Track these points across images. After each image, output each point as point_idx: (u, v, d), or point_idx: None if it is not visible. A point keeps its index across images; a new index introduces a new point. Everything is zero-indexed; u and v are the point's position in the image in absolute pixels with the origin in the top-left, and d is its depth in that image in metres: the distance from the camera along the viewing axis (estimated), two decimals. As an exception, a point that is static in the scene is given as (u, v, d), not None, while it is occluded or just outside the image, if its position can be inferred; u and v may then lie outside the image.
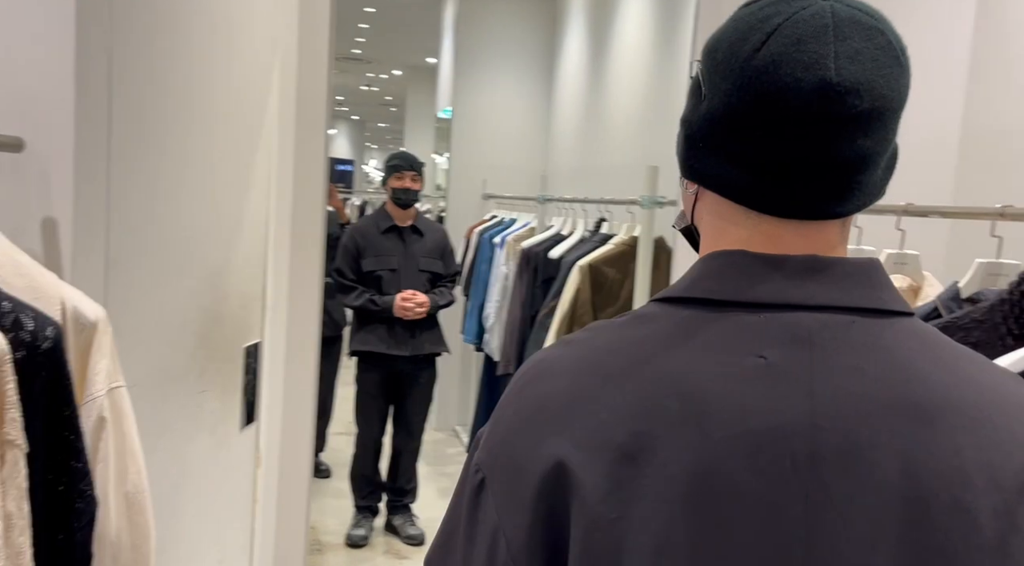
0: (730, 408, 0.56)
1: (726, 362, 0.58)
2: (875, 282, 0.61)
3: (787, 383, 0.57)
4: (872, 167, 0.61)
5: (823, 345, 0.58)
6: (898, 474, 0.55)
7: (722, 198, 0.64)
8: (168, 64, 1.35)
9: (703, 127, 0.64)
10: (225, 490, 1.73)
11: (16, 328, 0.85)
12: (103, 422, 1.00)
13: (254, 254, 1.80)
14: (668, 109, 3.50)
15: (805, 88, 0.57)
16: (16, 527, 0.83)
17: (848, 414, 0.56)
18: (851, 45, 0.58)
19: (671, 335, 0.60)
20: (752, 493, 0.54)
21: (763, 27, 0.60)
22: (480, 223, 4.91)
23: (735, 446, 0.55)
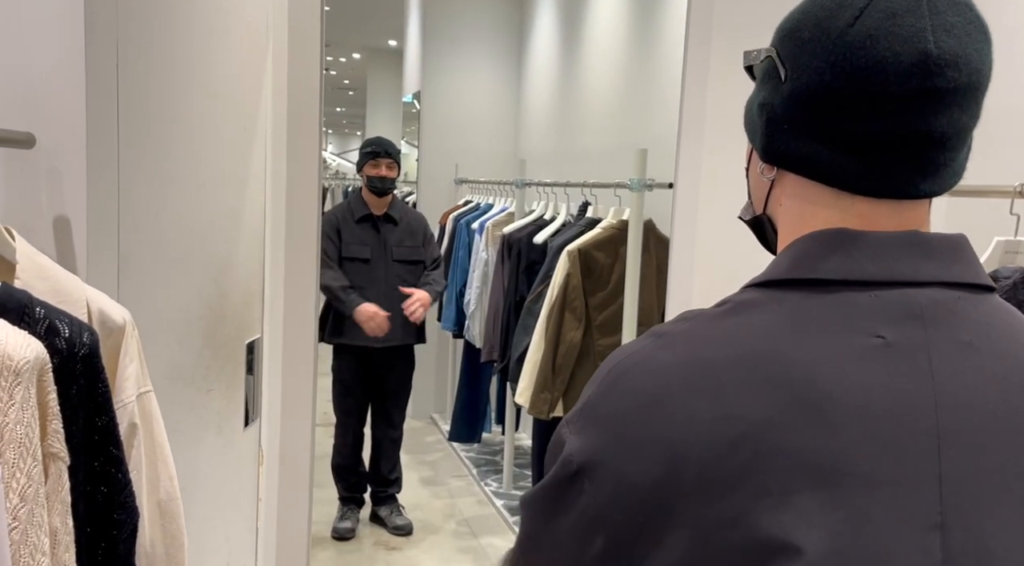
0: (852, 392, 0.54)
1: (843, 345, 0.56)
2: (970, 257, 0.61)
3: (907, 362, 0.55)
4: (964, 144, 0.60)
5: (936, 321, 0.57)
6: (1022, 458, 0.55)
7: (808, 181, 0.62)
8: (172, 56, 1.30)
9: (787, 109, 0.62)
10: (232, 490, 1.69)
11: (51, 334, 0.81)
12: (134, 429, 0.96)
13: (254, 248, 1.75)
14: (649, 90, 3.49)
15: (905, 62, 0.56)
16: (61, 543, 0.79)
17: (970, 390, 0.55)
18: (946, 18, 0.57)
19: (781, 321, 0.58)
20: (883, 477, 0.52)
21: (854, 2, 0.58)
22: (454, 208, 4.86)
23: (860, 431, 0.53)
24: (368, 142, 3.61)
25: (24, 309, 0.81)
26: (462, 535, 3.66)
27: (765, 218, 0.69)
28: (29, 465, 0.74)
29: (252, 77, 1.70)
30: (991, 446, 0.54)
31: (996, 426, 0.55)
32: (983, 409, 0.55)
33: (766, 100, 0.64)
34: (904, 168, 0.59)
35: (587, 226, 3.00)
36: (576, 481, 0.58)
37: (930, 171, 0.59)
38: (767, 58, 0.65)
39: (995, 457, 0.54)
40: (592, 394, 0.62)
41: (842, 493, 0.52)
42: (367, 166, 3.51)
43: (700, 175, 2.08)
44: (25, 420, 0.74)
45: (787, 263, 0.62)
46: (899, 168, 0.59)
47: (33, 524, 0.74)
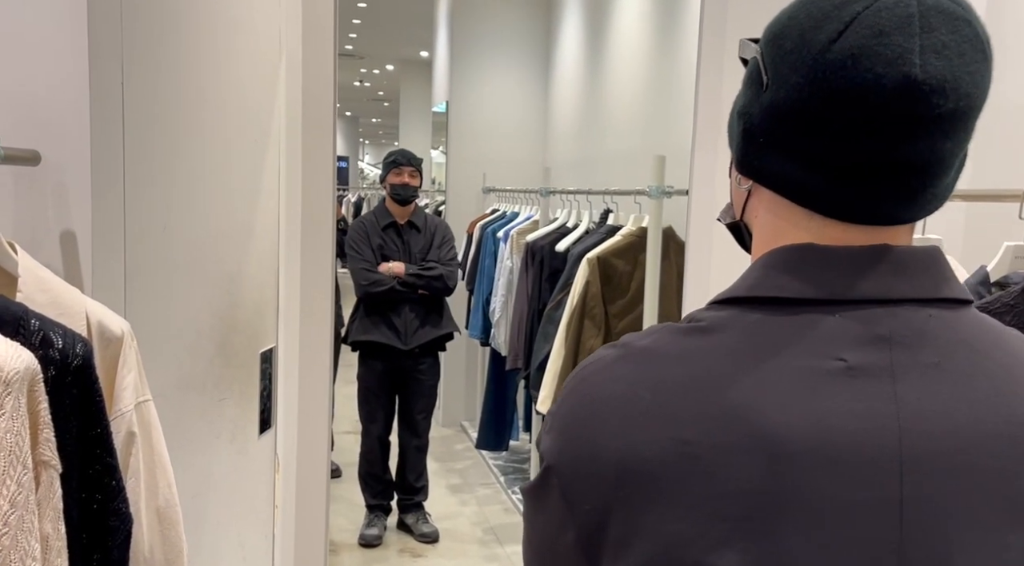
0: (808, 420, 0.53)
1: (801, 369, 0.54)
2: (944, 270, 0.58)
3: (870, 387, 0.54)
4: (947, 170, 0.57)
5: (904, 343, 0.55)
6: (997, 476, 0.53)
7: (783, 198, 0.60)
8: (179, 71, 1.33)
9: (765, 121, 0.59)
10: (246, 497, 1.72)
11: (45, 346, 0.84)
12: (132, 437, 0.99)
13: (267, 259, 1.78)
14: (671, 96, 3.48)
15: (887, 86, 0.52)
16: (53, 549, 0.81)
17: (938, 415, 0.53)
18: (937, 38, 0.53)
19: (739, 343, 0.56)
20: (837, 506, 0.51)
21: (841, 15, 0.54)
22: (481, 217, 4.89)
23: (814, 460, 0.52)
24: (390, 154, 3.70)
25: (19, 321, 0.84)
26: (488, 543, 3.66)
27: (743, 225, 0.68)
28: (19, 472, 0.77)
29: (264, 89, 1.74)
30: (959, 470, 0.53)
31: (965, 450, 0.53)
32: (951, 433, 0.53)
33: (745, 108, 0.62)
34: (881, 195, 0.56)
35: (608, 233, 2.99)
36: (548, 477, 0.60)
37: (909, 198, 0.56)
38: (753, 58, 0.62)
39: (964, 481, 0.53)
40: (560, 396, 0.63)
41: (792, 528, 0.51)
42: (390, 175, 3.59)
43: (715, 182, 2.07)
44: (15, 429, 0.76)
45: (752, 279, 0.60)
46: (876, 194, 0.56)
47: (24, 530, 0.77)
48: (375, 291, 3.44)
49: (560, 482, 0.58)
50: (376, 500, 3.67)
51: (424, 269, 3.51)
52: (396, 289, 3.44)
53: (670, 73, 3.50)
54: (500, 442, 4.26)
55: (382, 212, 3.60)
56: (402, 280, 3.46)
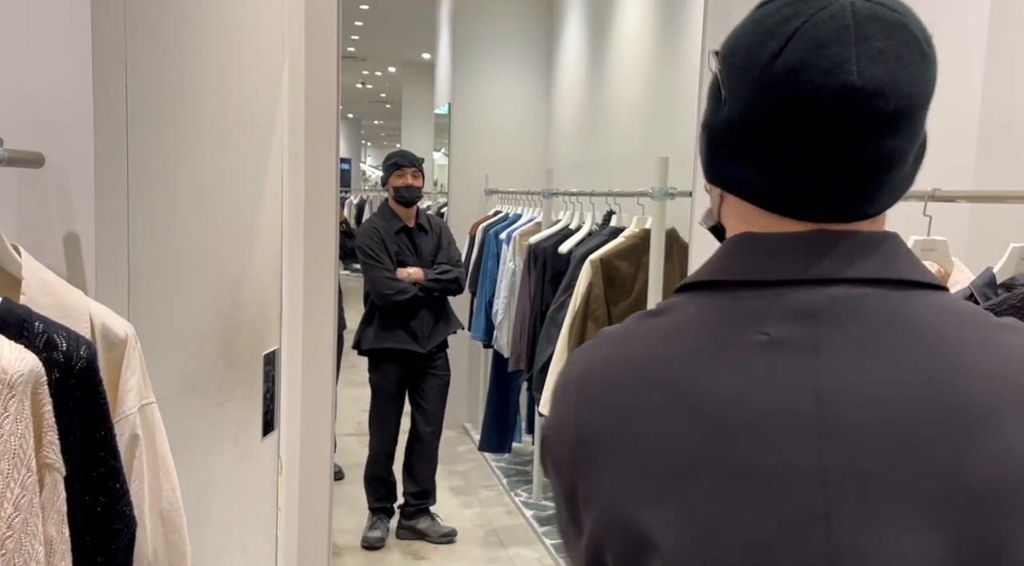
0: (729, 390, 0.57)
1: (730, 344, 0.58)
2: (891, 253, 0.60)
3: (790, 359, 0.57)
4: (900, 164, 0.60)
5: (832, 319, 0.57)
6: (918, 451, 0.53)
7: (746, 203, 0.64)
8: (182, 73, 1.33)
9: (724, 133, 0.63)
10: (249, 500, 1.72)
11: (49, 348, 0.84)
12: (136, 440, 0.98)
13: (270, 261, 1.78)
14: (675, 98, 3.48)
15: (828, 94, 0.56)
16: (57, 552, 0.81)
17: (860, 387, 0.55)
18: (873, 45, 0.56)
19: (684, 323, 0.62)
20: (758, 470, 0.55)
21: (782, 31, 0.58)
22: (484, 219, 4.89)
23: (735, 427, 0.56)
24: (391, 155, 3.65)
25: (23, 323, 0.83)
26: (491, 545, 3.65)
27: (721, 226, 0.72)
28: (23, 475, 0.76)
29: (267, 92, 1.73)
30: (883, 443, 0.54)
31: (890, 424, 0.54)
32: (874, 407, 0.55)
33: (708, 121, 0.66)
34: (836, 193, 0.59)
35: (610, 235, 2.99)
36: (543, 451, 0.68)
37: (863, 195, 0.60)
38: (713, 75, 0.65)
39: (887, 454, 0.54)
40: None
41: (714, 486, 0.56)
42: (393, 177, 3.54)
43: (718, 183, 2.06)
44: (19, 432, 0.76)
45: (701, 267, 0.66)
46: (829, 194, 0.59)
47: (27, 533, 0.77)
48: (400, 300, 3.38)
49: (548, 454, 0.66)
50: (380, 503, 3.67)
51: (441, 273, 3.51)
52: (418, 295, 3.42)
53: (673, 74, 3.50)
54: (503, 444, 4.25)
55: (389, 216, 3.55)
56: (423, 286, 3.44)
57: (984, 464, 0.53)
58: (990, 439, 0.53)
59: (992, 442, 0.53)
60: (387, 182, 3.59)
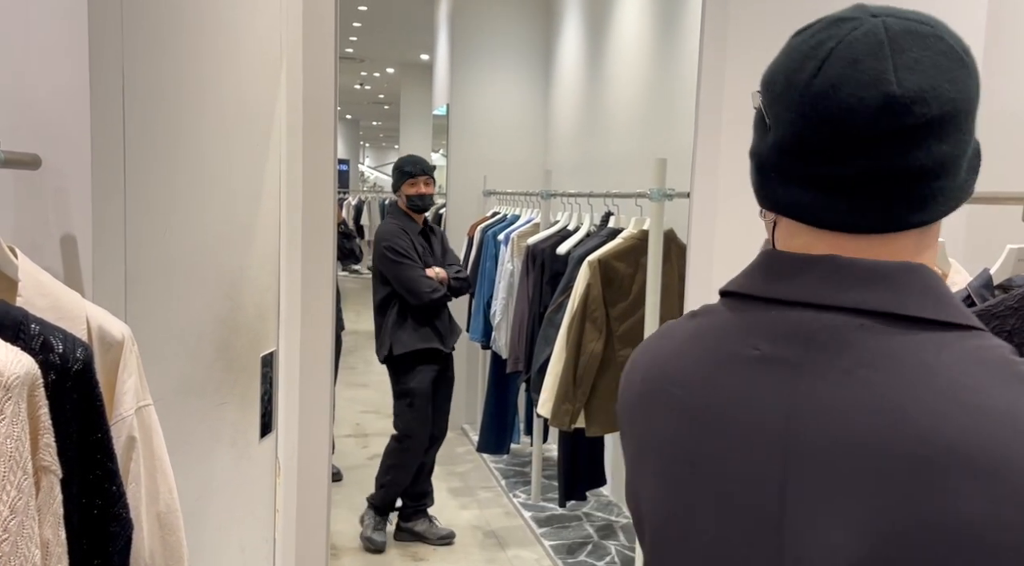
0: (717, 395, 0.64)
1: (727, 353, 0.65)
2: (904, 284, 0.59)
3: (772, 375, 0.61)
4: (954, 170, 0.60)
5: (824, 345, 0.59)
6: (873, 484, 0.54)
7: (800, 224, 0.64)
8: (179, 75, 1.33)
9: (772, 157, 0.64)
10: (247, 501, 1.71)
11: (45, 350, 0.84)
12: (133, 442, 0.98)
13: (268, 262, 1.78)
14: (673, 99, 3.48)
15: (871, 105, 0.57)
16: (53, 555, 0.81)
17: (831, 412, 0.57)
18: (910, 56, 0.58)
19: (704, 328, 0.69)
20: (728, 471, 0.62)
21: (817, 53, 0.60)
22: (482, 220, 4.89)
23: (716, 429, 0.63)
24: (403, 162, 3.60)
25: (20, 326, 0.83)
26: (489, 547, 3.65)
27: None
28: (19, 478, 0.76)
29: (265, 93, 1.73)
30: (842, 470, 0.55)
31: (852, 453, 0.55)
32: (841, 433, 0.56)
33: (755, 149, 0.68)
34: (888, 203, 0.60)
35: (609, 236, 2.99)
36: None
37: (917, 203, 0.60)
38: (757, 106, 0.67)
39: (844, 481, 0.55)
40: None
41: (693, 480, 0.64)
42: (405, 185, 3.51)
43: (717, 184, 2.06)
44: (15, 434, 0.76)
45: (736, 277, 0.70)
46: (884, 203, 0.60)
47: (23, 536, 0.76)
48: (436, 298, 3.41)
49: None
50: (391, 506, 3.65)
51: (458, 273, 3.57)
52: (446, 295, 3.46)
53: (671, 75, 3.50)
54: (501, 445, 4.25)
55: (405, 218, 3.54)
56: (449, 285, 3.48)
57: (921, 511, 0.52)
58: (936, 491, 0.52)
59: (937, 495, 0.52)
60: (398, 189, 3.55)
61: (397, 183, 3.56)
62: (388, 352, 3.48)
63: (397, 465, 3.57)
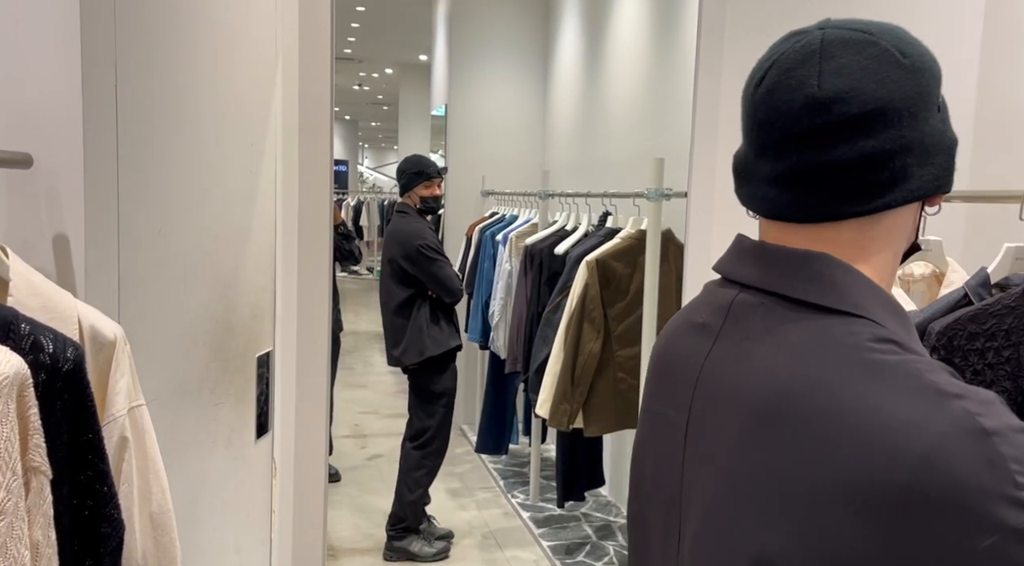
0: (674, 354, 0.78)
1: (687, 319, 0.79)
2: (805, 271, 0.67)
3: (703, 340, 0.74)
4: (886, 164, 0.65)
5: (735, 317, 0.71)
6: (742, 422, 0.66)
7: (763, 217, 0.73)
8: (173, 74, 1.32)
9: (739, 162, 0.74)
10: (242, 502, 1.71)
11: (35, 350, 0.83)
12: (125, 442, 0.98)
13: (263, 263, 1.77)
14: (670, 100, 3.47)
15: (795, 107, 0.65)
16: (44, 556, 0.80)
17: (723, 368, 0.70)
18: (838, 62, 0.65)
19: (692, 301, 0.81)
20: (663, 408, 0.78)
21: (763, 65, 0.70)
22: (480, 220, 4.88)
23: (662, 377, 0.80)
24: (416, 163, 3.56)
25: (9, 326, 0.83)
26: (487, 547, 3.64)
27: None
28: (8, 479, 0.76)
29: (260, 93, 1.73)
30: (724, 410, 0.68)
31: (732, 398, 0.68)
32: (720, 388, 0.70)
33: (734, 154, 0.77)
34: (821, 195, 0.66)
35: (606, 236, 2.98)
36: None
37: (848, 194, 0.66)
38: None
39: (724, 418, 0.68)
40: None
41: (647, 423, 0.81)
42: (420, 187, 3.49)
43: (714, 183, 2.06)
44: (4, 435, 0.75)
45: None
46: (817, 195, 0.66)
47: (13, 537, 0.76)
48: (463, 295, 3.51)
49: None
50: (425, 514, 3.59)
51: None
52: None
53: (668, 76, 3.50)
54: (499, 446, 4.24)
55: (421, 218, 3.54)
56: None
57: (751, 459, 0.64)
58: (761, 443, 0.63)
59: (761, 447, 0.63)
60: (411, 189, 3.52)
61: (411, 183, 3.52)
62: (421, 354, 3.41)
63: (429, 471, 3.52)
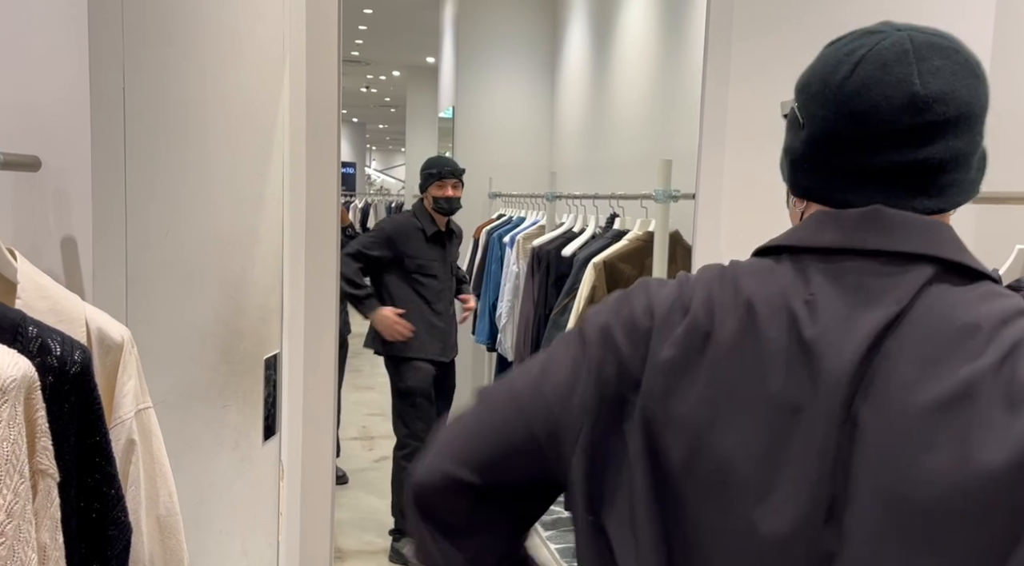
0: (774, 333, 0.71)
1: (785, 298, 0.71)
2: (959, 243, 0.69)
3: (824, 314, 0.68)
4: (966, 165, 0.69)
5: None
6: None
7: (827, 208, 0.72)
8: (181, 76, 1.33)
9: (806, 150, 0.73)
10: (250, 504, 1.71)
11: (43, 353, 0.83)
12: (132, 445, 0.98)
13: (271, 264, 1.78)
14: (678, 101, 3.47)
15: (896, 103, 0.66)
16: (51, 559, 0.80)
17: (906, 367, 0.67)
18: (932, 63, 0.67)
19: (749, 269, 0.73)
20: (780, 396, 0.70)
21: (850, 59, 0.69)
22: (488, 222, 4.88)
23: (757, 357, 0.71)
24: (432, 163, 3.52)
25: (17, 328, 0.83)
26: (495, 550, 3.63)
27: None
28: (16, 482, 0.76)
29: (267, 94, 1.73)
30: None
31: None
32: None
33: (789, 145, 0.76)
34: (907, 191, 0.68)
35: (614, 238, 2.97)
36: None
37: (933, 192, 0.68)
38: (791, 110, 0.76)
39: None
40: None
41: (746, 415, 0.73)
42: (433, 187, 3.43)
43: (722, 185, 2.05)
44: (11, 437, 0.75)
45: (781, 235, 0.76)
46: (903, 191, 0.68)
47: (20, 540, 0.76)
48: (347, 290, 3.40)
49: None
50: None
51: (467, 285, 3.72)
52: (354, 298, 3.45)
53: (676, 77, 3.49)
54: (507, 448, 4.23)
55: (427, 220, 3.45)
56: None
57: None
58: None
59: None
60: (425, 190, 3.48)
61: (424, 184, 3.48)
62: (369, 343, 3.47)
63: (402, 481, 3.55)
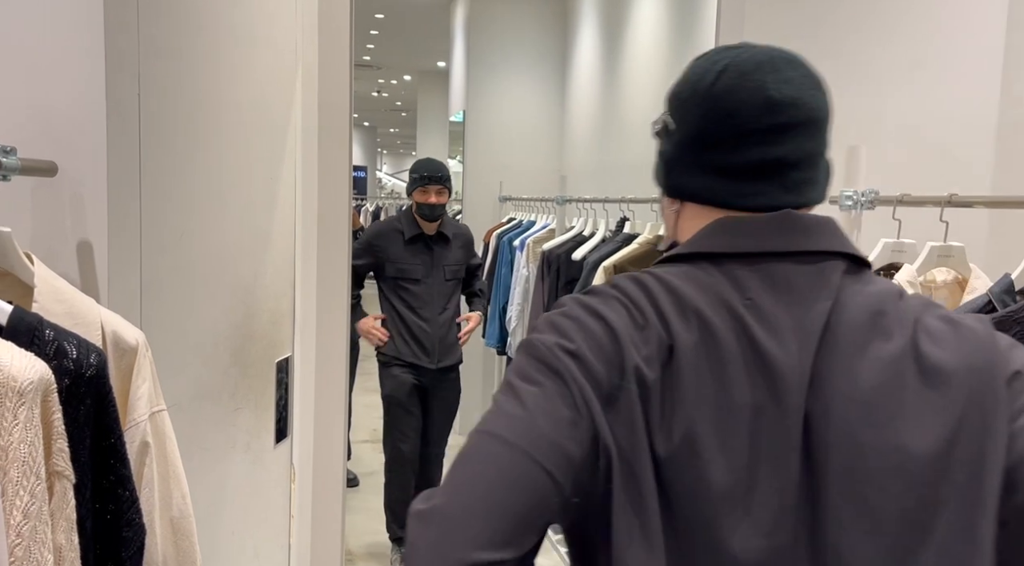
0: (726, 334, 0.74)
1: (723, 299, 0.75)
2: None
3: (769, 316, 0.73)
4: (816, 166, 0.78)
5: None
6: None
7: (701, 205, 0.80)
8: (195, 82, 1.34)
9: (678, 151, 0.81)
10: (261, 507, 1.72)
11: (59, 356, 0.84)
12: (146, 447, 0.99)
13: (283, 268, 1.79)
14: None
15: (755, 105, 0.75)
16: (66, 560, 0.81)
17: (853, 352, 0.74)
18: (784, 74, 0.76)
19: (678, 277, 0.75)
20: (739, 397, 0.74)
21: (714, 68, 0.78)
22: (498, 226, 4.89)
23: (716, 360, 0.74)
24: (417, 167, 3.45)
25: (34, 331, 0.84)
26: (505, 554, 3.63)
27: (677, 243, 0.85)
28: (32, 483, 0.77)
29: (280, 100, 1.74)
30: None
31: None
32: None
33: (662, 150, 0.84)
34: (769, 187, 0.76)
35: (624, 242, 2.97)
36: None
37: (791, 188, 0.77)
38: (662, 120, 0.84)
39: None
40: None
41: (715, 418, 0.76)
42: (416, 192, 3.36)
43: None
44: (29, 439, 0.76)
45: (685, 244, 0.80)
46: (766, 187, 0.76)
47: (36, 541, 0.77)
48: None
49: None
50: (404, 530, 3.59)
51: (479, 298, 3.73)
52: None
53: (687, 81, 3.48)
54: (517, 451, 4.22)
55: (409, 222, 3.38)
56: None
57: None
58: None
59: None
60: (411, 193, 3.42)
61: (410, 188, 3.45)
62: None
63: (388, 481, 3.54)
